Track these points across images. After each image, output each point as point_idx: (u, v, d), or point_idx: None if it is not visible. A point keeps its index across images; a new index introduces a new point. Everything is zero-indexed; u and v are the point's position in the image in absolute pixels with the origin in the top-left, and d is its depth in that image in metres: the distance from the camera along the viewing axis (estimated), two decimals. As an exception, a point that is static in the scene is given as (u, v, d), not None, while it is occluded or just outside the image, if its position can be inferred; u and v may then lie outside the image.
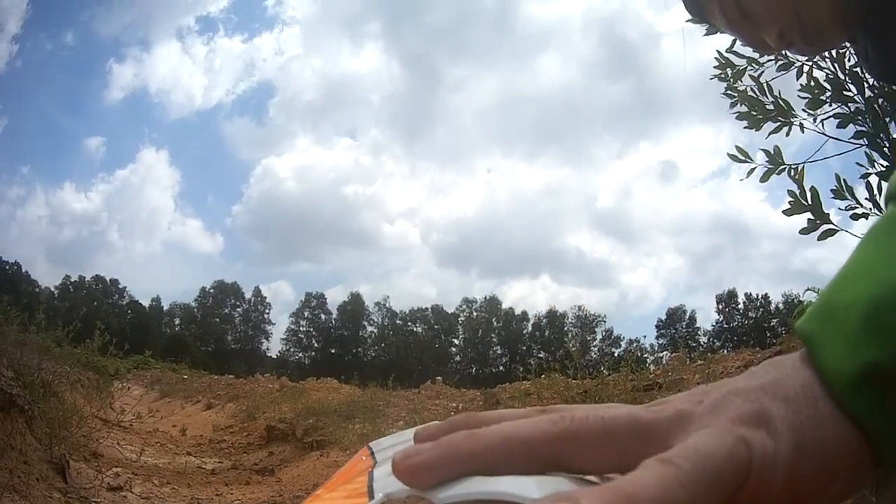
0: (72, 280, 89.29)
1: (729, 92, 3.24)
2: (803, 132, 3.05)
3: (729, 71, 3.22)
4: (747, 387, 0.43)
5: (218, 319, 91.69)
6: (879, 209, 2.95)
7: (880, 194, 2.91)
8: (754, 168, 3.14)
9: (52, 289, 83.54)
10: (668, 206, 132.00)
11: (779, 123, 3.10)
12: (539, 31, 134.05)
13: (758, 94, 3.17)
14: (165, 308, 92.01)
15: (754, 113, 3.14)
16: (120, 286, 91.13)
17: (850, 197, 2.98)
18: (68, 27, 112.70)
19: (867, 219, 2.99)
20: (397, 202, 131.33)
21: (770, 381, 0.44)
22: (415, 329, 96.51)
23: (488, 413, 0.50)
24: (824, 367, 0.43)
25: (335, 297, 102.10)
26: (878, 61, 1.26)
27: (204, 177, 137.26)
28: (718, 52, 3.25)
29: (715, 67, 3.27)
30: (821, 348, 0.43)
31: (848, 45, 1.86)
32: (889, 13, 1.13)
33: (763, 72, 3.23)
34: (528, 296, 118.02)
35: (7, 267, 73.29)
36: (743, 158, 3.14)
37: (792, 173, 3.00)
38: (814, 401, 0.42)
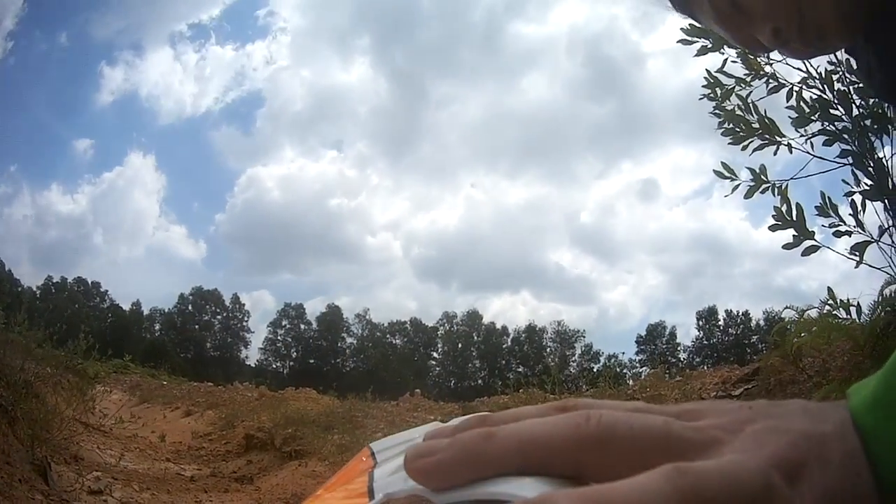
0: (54, 281, 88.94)
1: (716, 111, 3.33)
2: (791, 152, 3.14)
3: (718, 90, 3.30)
4: (795, 429, 0.40)
5: (197, 326, 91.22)
6: (862, 227, 3.03)
7: (864, 212, 3.00)
8: (738, 185, 3.27)
9: (35, 289, 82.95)
10: (649, 224, 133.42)
11: (764, 141, 3.19)
12: (525, 50, 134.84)
13: (744, 113, 3.26)
14: (146, 313, 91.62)
15: (739, 131, 3.23)
16: (101, 289, 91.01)
17: (833, 214, 3.11)
18: (63, 28, 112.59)
19: (850, 236, 3.08)
20: (381, 215, 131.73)
21: (818, 435, 0.40)
22: (394, 342, 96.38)
23: (504, 413, 0.48)
24: (884, 469, 0.38)
25: (316, 308, 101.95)
26: (880, 71, 1.19)
27: (190, 183, 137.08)
28: (708, 71, 3.33)
29: (703, 87, 3.35)
30: (880, 446, 0.39)
31: (844, 58, 1.83)
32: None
33: (751, 91, 3.32)
34: (508, 310, 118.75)
35: (-10, 265, 72.71)
36: (728, 175, 3.27)
37: (776, 190, 3.14)
38: (854, 477, 0.38)
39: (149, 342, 71.93)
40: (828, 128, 3.00)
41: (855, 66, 1.33)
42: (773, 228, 3.01)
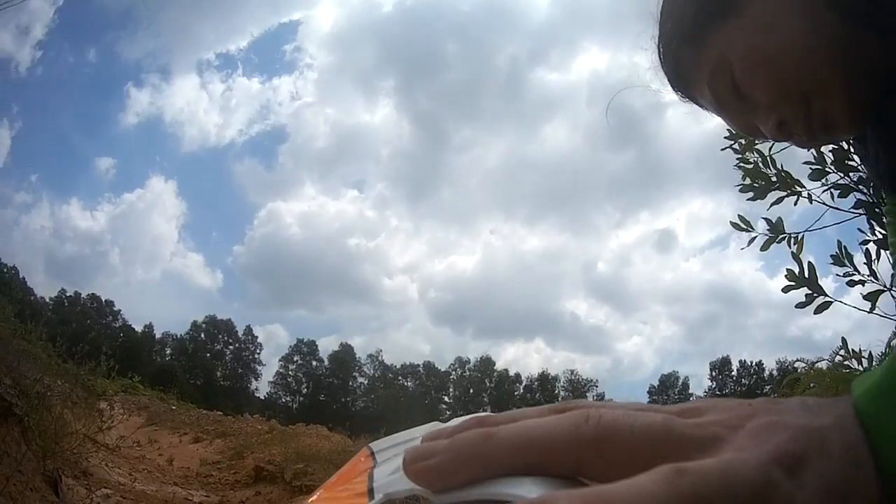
0: (67, 294, 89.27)
1: (740, 164, 3.26)
2: (811, 202, 3.08)
3: (742, 141, 3.23)
4: (795, 423, 0.39)
5: (209, 354, 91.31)
6: (875, 276, 3.01)
7: (878, 261, 3.01)
8: (755, 237, 3.18)
9: (48, 300, 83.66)
10: (665, 275, 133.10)
11: (782, 194, 3.13)
12: (547, 97, 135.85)
13: (762, 166, 3.19)
14: (157, 336, 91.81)
15: (757, 185, 3.17)
16: (115, 308, 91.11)
17: (848, 264, 3.04)
18: (91, 43, 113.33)
19: (863, 285, 3.01)
20: (398, 257, 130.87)
21: (818, 428, 0.39)
22: (406, 384, 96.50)
23: (503, 414, 0.47)
24: (887, 459, 0.38)
25: (329, 345, 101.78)
26: (884, 161, 1.17)
27: (210, 212, 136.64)
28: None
29: (726, 138, 3.28)
30: (884, 435, 0.38)
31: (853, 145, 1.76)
32: None
33: (772, 145, 3.24)
34: (522, 358, 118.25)
35: (5, 270, 73.07)
36: (744, 227, 3.19)
37: (792, 243, 3.06)
38: (855, 468, 0.37)
39: (159, 365, 72.10)
40: (841, 181, 2.92)
41: (861, 152, 1.30)
42: (786, 290, 2.99)
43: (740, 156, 3.24)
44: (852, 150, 3.04)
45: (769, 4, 1.09)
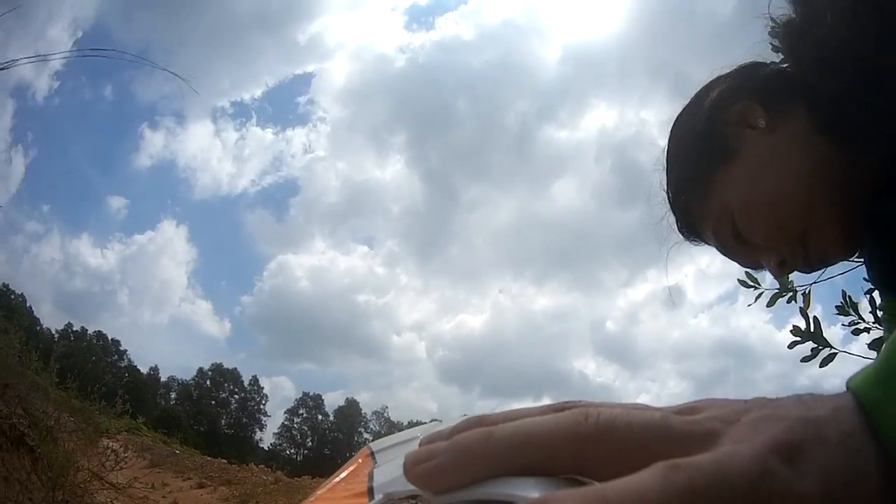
0: (73, 329, 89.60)
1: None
2: None
3: None
4: (791, 415, 0.39)
5: (214, 402, 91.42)
6: (880, 323, 2.86)
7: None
8: (762, 293, 3.20)
9: (54, 332, 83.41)
10: (673, 332, 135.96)
11: None
12: (555, 155, 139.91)
13: None
14: (163, 380, 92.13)
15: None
16: (121, 348, 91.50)
17: (853, 313, 3.06)
18: (108, 80, 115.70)
19: (868, 333, 3.03)
20: (407, 315, 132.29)
21: (814, 418, 0.39)
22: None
23: (502, 413, 0.47)
24: (891, 441, 0.37)
25: (335, 400, 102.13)
26: (872, 268, 1.19)
27: (220, 261, 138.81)
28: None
29: None
30: (884, 420, 0.38)
31: None
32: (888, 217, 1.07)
33: None
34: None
35: (12, 297, 73.09)
36: (752, 284, 3.19)
37: (799, 298, 3.07)
38: (854, 454, 0.37)
39: (163, 409, 72.01)
40: None
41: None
42: (791, 346, 3.00)
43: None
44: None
45: (765, 143, 1.15)
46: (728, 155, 1.18)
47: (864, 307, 3.05)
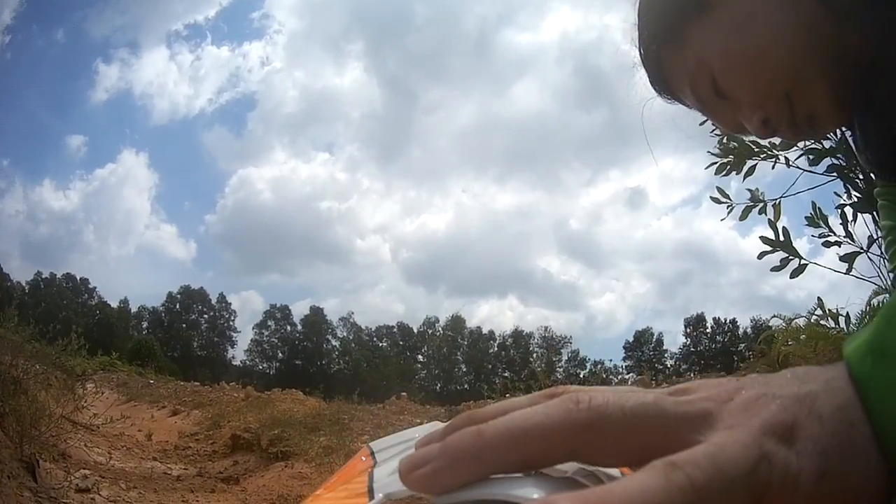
0: (43, 277, 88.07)
1: (718, 147, 3.33)
2: (788, 166, 3.16)
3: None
4: (783, 393, 0.41)
5: (185, 325, 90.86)
6: (852, 238, 3.01)
7: (854, 223, 3.02)
8: (733, 207, 3.24)
9: (24, 284, 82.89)
10: (636, 233, 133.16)
11: (754, 163, 3.21)
12: (516, 58, 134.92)
13: (729, 141, 3.27)
14: (133, 311, 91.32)
15: (730, 159, 3.24)
16: (90, 286, 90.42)
17: (823, 225, 3.10)
18: (60, 24, 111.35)
19: (839, 246, 3.06)
20: (370, 218, 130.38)
21: (806, 394, 0.41)
22: (380, 344, 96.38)
23: (491, 407, 0.47)
24: (879, 414, 0.40)
25: (304, 309, 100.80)
26: (867, 150, 1.18)
27: (181, 183, 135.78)
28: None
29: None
30: (875, 392, 0.41)
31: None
32: (884, 98, 1.04)
33: None
34: (496, 315, 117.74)
35: (-23, 258, 72.22)
36: (724, 200, 3.24)
37: (769, 210, 3.13)
38: (847, 427, 0.39)
39: (136, 340, 71.26)
40: (813, 146, 3.01)
41: (851, 139, 1.28)
42: (761, 256, 3.03)
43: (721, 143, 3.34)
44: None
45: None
46: (702, 7, 1.10)
47: (834, 221, 3.08)
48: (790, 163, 3.17)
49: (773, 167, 3.22)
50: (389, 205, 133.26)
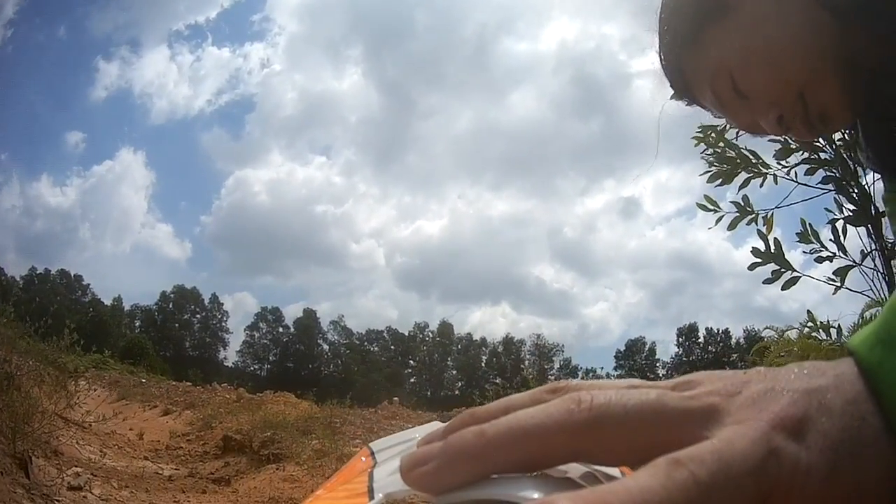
0: (37, 272, 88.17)
1: (709, 154, 3.33)
2: (777, 183, 3.15)
3: (712, 136, 3.30)
4: (792, 387, 0.40)
5: (177, 325, 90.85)
6: (844, 251, 3.04)
7: (845, 237, 3.02)
8: (722, 216, 3.23)
9: (18, 279, 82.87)
10: (630, 242, 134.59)
11: (749, 175, 3.21)
12: (514, 66, 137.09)
13: (728, 150, 3.27)
14: (126, 309, 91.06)
15: (723, 167, 3.25)
16: (84, 283, 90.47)
17: (815, 241, 3.10)
18: (62, 20, 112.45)
19: (831, 262, 3.06)
20: (365, 223, 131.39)
21: (816, 388, 0.39)
22: (372, 349, 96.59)
23: (493, 405, 0.46)
24: (890, 403, 0.39)
25: (298, 312, 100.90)
26: (868, 148, 1.23)
27: (178, 183, 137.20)
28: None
29: (697, 131, 3.35)
30: (886, 382, 0.39)
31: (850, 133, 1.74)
32: (886, 99, 1.09)
33: (738, 131, 3.30)
34: (489, 322, 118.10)
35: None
36: (711, 208, 3.24)
37: (760, 221, 3.14)
38: (858, 422, 0.38)
39: (129, 339, 71.17)
40: (811, 157, 3.03)
41: (855, 138, 1.32)
42: (752, 267, 3.04)
43: (712, 146, 3.34)
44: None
45: (760, 2, 1.12)
46: (722, 11, 1.15)
47: (825, 236, 3.09)
48: (778, 179, 3.18)
49: (761, 185, 3.24)
50: (385, 209, 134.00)
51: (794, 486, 0.36)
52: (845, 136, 2.76)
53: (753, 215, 3.17)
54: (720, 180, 3.27)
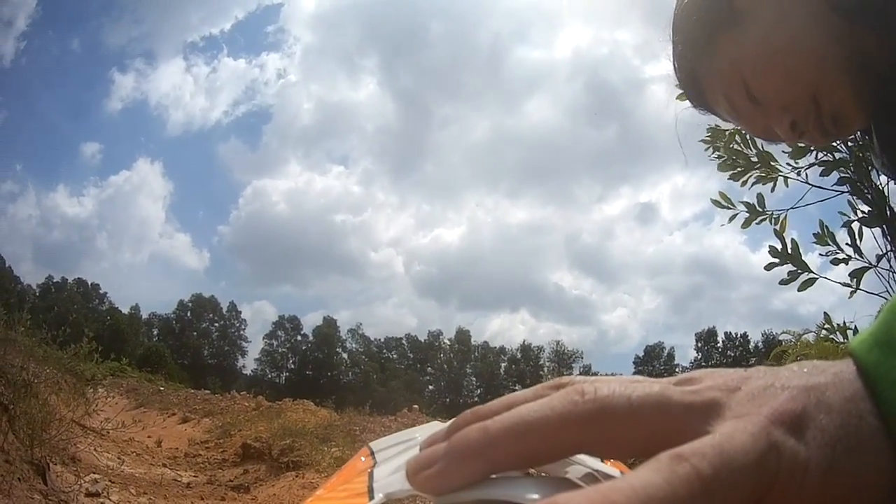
0: (54, 281, 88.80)
1: (718, 153, 3.30)
2: (787, 186, 3.12)
3: (720, 141, 3.27)
4: (792, 384, 0.40)
5: (196, 333, 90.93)
6: (860, 254, 2.98)
7: (861, 240, 2.95)
8: (736, 214, 3.20)
9: (35, 287, 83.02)
10: (647, 248, 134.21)
11: (762, 175, 3.18)
12: (529, 74, 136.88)
13: (743, 147, 3.24)
14: (144, 318, 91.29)
15: (738, 166, 3.22)
16: (101, 291, 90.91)
17: (831, 243, 3.06)
18: (75, 32, 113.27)
19: (847, 264, 3.02)
20: (384, 231, 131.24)
21: (815, 385, 0.40)
22: (390, 356, 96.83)
23: (495, 402, 0.46)
24: (887, 405, 0.39)
25: (316, 321, 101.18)
26: (883, 154, 1.22)
27: (196, 193, 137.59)
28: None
29: (707, 135, 3.32)
30: (883, 383, 0.39)
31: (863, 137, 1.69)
32: None
33: None
34: (508, 329, 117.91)
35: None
36: (725, 205, 3.21)
37: (773, 221, 3.09)
38: (856, 419, 0.38)
39: (147, 347, 71.42)
40: (825, 158, 3.00)
41: (870, 143, 1.30)
42: (769, 267, 2.98)
43: (719, 150, 3.31)
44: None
45: (771, 9, 1.14)
46: (734, 18, 1.17)
47: (841, 238, 3.04)
48: (789, 181, 3.15)
49: (772, 190, 3.20)
50: (403, 218, 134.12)
51: (794, 480, 0.36)
52: (859, 141, 2.73)
53: (766, 215, 3.13)
54: (732, 171, 3.23)
